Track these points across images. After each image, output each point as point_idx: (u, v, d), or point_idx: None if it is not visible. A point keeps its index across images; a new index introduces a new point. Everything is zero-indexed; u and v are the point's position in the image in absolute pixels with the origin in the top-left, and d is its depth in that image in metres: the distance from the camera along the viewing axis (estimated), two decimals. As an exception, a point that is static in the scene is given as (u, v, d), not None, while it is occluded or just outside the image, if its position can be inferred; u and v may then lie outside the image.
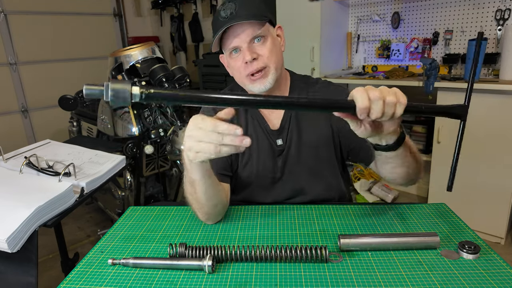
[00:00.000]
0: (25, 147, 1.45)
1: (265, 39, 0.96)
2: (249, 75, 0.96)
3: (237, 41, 0.94)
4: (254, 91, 0.98)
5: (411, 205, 0.97)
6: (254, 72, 0.95)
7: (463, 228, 0.84)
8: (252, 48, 0.94)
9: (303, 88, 1.07)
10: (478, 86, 1.99)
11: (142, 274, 0.73)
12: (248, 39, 0.94)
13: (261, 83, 0.96)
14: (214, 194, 0.86)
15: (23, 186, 1.13)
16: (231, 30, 0.93)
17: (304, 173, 1.04)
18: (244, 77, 0.97)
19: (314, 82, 1.09)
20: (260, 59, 0.95)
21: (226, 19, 0.92)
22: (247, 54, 0.93)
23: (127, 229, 0.92)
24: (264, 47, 0.95)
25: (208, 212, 0.89)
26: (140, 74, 1.98)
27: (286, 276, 0.70)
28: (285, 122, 1.04)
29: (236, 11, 0.92)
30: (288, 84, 1.08)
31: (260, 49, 0.95)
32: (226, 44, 0.96)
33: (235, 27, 0.93)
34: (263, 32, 0.95)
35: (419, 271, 0.69)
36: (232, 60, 0.98)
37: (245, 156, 1.05)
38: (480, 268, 0.69)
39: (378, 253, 0.76)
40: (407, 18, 2.64)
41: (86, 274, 0.75)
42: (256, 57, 0.94)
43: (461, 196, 2.17)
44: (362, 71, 2.90)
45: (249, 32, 0.93)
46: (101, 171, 1.28)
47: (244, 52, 0.94)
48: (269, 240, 0.84)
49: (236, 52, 0.96)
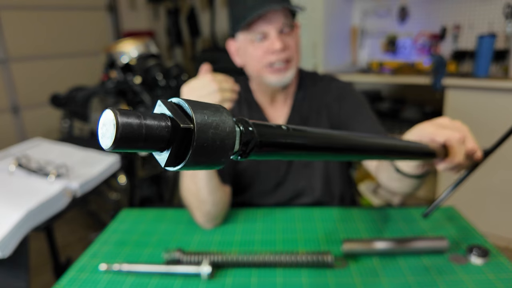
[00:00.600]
0: (16, 147, 1.41)
1: (293, 31, 0.91)
2: (268, 66, 0.90)
3: (268, 27, 0.87)
4: (271, 83, 0.92)
5: (418, 208, 0.94)
6: (277, 63, 0.90)
7: (471, 232, 0.82)
8: (282, 37, 0.88)
9: (309, 87, 1.03)
10: (487, 83, 1.95)
11: (136, 280, 0.70)
12: (279, 26, 0.88)
13: (282, 75, 0.91)
14: (216, 187, 0.83)
15: (14, 188, 1.10)
16: (261, 13, 0.87)
17: (306, 175, 1.01)
18: (263, 66, 0.91)
19: (319, 80, 1.05)
20: (287, 50, 0.89)
21: (260, 1, 0.86)
22: (277, 42, 0.86)
23: (120, 233, 0.89)
24: (291, 38, 0.90)
25: (208, 211, 0.84)
26: (135, 71, 1.94)
27: (287, 283, 0.67)
28: (290, 123, 1.01)
29: None
30: (297, 82, 1.04)
31: (289, 40, 0.90)
32: (252, 28, 0.88)
33: (267, 11, 0.86)
34: (293, 23, 0.90)
35: (425, 277, 0.67)
36: (252, 47, 0.91)
37: None
38: (489, 273, 0.67)
39: (383, 258, 0.73)
40: (414, 12, 2.57)
41: (77, 279, 0.71)
42: (285, 47, 0.88)
43: (470, 199, 2.12)
44: (367, 67, 2.80)
45: (281, 19, 0.87)
46: (95, 172, 1.24)
47: (273, 39, 0.87)
48: (270, 245, 0.80)
49: (259, 39, 0.89)
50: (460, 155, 0.53)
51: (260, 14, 0.85)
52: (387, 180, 0.83)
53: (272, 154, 0.29)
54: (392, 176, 0.77)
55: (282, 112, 1.02)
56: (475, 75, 2.05)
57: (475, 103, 2.04)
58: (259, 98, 1.03)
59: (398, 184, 0.79)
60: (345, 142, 0.36)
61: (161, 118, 0.23)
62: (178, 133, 0.23)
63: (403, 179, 0.75)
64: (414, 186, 0.76)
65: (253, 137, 0.27)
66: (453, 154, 0.54)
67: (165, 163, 0.24)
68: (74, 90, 2.46)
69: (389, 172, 0.78)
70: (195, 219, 0.88)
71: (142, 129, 0.22)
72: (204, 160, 0.24)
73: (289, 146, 0.30)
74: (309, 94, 1.02)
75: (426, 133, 0.56)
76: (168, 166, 0.25)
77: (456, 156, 0.54)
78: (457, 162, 0.54)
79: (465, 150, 0.54)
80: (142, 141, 0.22)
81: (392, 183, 0.81)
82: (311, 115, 1.01)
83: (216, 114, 0.25)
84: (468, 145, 0.54)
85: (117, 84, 1.87)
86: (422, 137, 0.57)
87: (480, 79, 2.00)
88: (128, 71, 1.96)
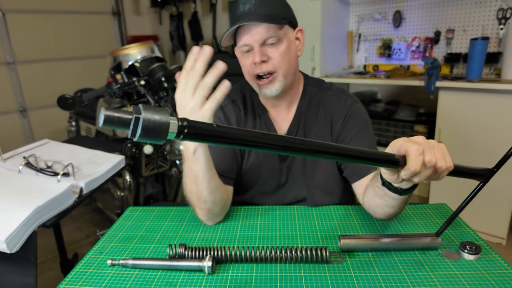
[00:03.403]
0: (24, 147, 1.44)
1: (279, 42, 0.91)
2: (256, 77, 0.94)
3: (250, 40, 0.90)
4: (261, 93, 0.97)
5: (412, 205, 0.96)
6: (262, 75, 0.93)
7: (464, 229, 0.84)
8: (264, 50, 0.91)
9: (315, 94, 1.04)
10: (480, 85, 1.98)
11: (141, 275, 0.73)
12: (261, 40, 0.90)
13: (267, 88, 0.94)
14: (216, 188, 0.85)
15: (22, 186, 1.13)
16: (246, 26, 0.90)
17: (308, 181, 1.03)
18: (252, 77, 0.95)
19: (327, 88, 1.05)
20: (270, 62, 0.91)
21: (243, 14, 0.89)
22: (257, 55, 0.90)
23: (126, 230, 0.92)
24: (276, 50, 0.91)
25: (209, 210, 0.87)
26: (139, 74, 1.98)
27: (286, 277, 0.70)
28: (293, 128, 1.02)
29: (254, 7, 0.88)
30: (301, 88, 1.04)
31: (271, 52, 0.91)
32: (238, 40, 0.93)
33: (250, 25, 0.89)
34: (278, 35, 0.90)
35: (420, 272, 0.69)
36: (242, 57, 0.95)
37: (251, 159, 1.03)
38: (481, 268, 0.69)
39: (379, 253, 0.76)
40: (409, 16, 2.63)
41: (85, 275, 0.74)
42: (266, 59, 0.91)
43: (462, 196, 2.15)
44: (363, 70, 2.90)
45: (263, 33, 0.89)
46: (100, 171, 1.27)
47: (254, 52, 0.91)
48: (269, 240, 0.83)
49: (247, 51, 0.93)
50: (416, 164, 0.59)
51: (241, 26, 0.90)
52: (371, 199, 0.83)
53: (201, 140, 0.48)
54: (376, 192, 0.78)
55: (286, 116, 1.04)
56: (468, 77, 2.08)
57: (468, 105, 2.07)
58: (263, 100, 1.05)
59: (379, 201, 0.78)
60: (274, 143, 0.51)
61: (128, 113, 0.42)
62: (135, 120, 0.42)
63: (382, 195, 0.75)
64: (396, 205, 0.76)
65: (184, 128, 0.44)
66: (409, 163, 0.59)
67: (130, 134, 0.43)
68: (81, 92, 2.50)
69: (374, 188, 0.79)
70: (197, 216, 0.91)
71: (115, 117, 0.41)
72: (150, 136, 0.43)
73: (213, 136, 0.48)
74: (315, 101, 1.03)
75: (396, 146, 0.62)
76: (132, 136, 0.43)
77: (412, 165, 0.59)
78: (413, 170, 0.59)
79: (421, 161, 0.59)
80: (116, 122, 0.42)
81: (374, 200, 0.81)
82: (315, 122, 1.02)
83: (160, 113, 0.43)
84: (426, 157, 0.59)
85: (122, 86, 1.90)
86: (393, 148, 0.63)
87: (472, 82, 2.03)
88: (133, 74, 1.99)
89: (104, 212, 2.52)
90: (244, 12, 0.89)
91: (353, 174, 0.96)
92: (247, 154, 1.03)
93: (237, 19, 0.90)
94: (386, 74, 2.55)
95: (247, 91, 1.07)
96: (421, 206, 0.96)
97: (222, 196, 0.89)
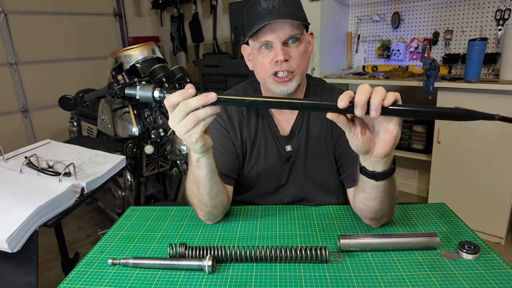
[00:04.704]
0: (25, 147, 1.45)
1: (299, 42, 0.92)
2: (273, 75, 0.93)
3: (273, 37, 0.89)
4: (275, 92, 0.95)
5: (411, 205, 0.97)
6: (281, 72, 0.92)
7: (463, 228, 0.84)
8: (285, 49, 0.90)
9: (317, 93, 1.05)
10: (478, 86, 2.00)
11: (142, 274, 0.73)
12: (285, 38, 0.89)
13: (285, 85, 0.93)
14: (217, 193, 0.86)
15: (23, 186, 1.13)
16: (269, 23, 0.88)
17: (308, 181, 1.03)
18: (269, 75, 0.94)
19: (330, 89, 1.06)
20: (291, 61, 0.91)
21: (267, 11, 0.88)
22: (280, 53, 0.89)
23: (127, 229, 0.92)
24: (297, 50, 0.91)
25: (209, 212, 0.89)
26: (140, 74, 1.99)
27: (286, 277, 0.70)
28: (296, 129, 1.02)
29: (278, 5, 0.88)
30: (304, 87, 1.05)
31: (293, 51, 0.91)
32: (259, 36, 0.91)
33: (274, 22, 0.87)
34: (299, 34, 0.91)
35: (419, 271, 0.69)
36: (260, 55, 0.93)
37: (253, 159, 1.04)
38: (480, 268, 0.69)
39: (378, 253, 0.76)
40: (407, 18, 2.65)
41: (86, 274, 0.75)
42: (288, 58, 0.90)
43: (461, 196, 2.18)
44: (362, 71, 2.91)
45: (288, 31, 0.88)
46: (101, 171, 1.28)
47: (276, 50, 0.89)
48: (269, 240, 0.84)
49: (266, 48, 0.92)
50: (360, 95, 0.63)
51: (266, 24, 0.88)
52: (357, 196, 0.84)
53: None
54: (360, 187, 0.80)
55: (289, 117, 1.04)
56: (466, 78, 2.09)
57: (466, 105, 2.06)
58: None
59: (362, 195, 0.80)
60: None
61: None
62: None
63: (363, 186, 0.77)
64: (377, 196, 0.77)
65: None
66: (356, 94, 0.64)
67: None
68: (82, 92, 2.51)
69: (359, 184, 0.81)
70: (197, 216, 0.93)
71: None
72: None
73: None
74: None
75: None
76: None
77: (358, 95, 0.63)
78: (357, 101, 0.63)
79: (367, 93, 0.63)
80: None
81: (358, 196, 0.82)
82: (316, 122, 1.02)
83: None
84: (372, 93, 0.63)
85: (123, 86, 1.91)
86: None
87: (471, 82, 2.04)
88: (134, 74, 2.00)
89: (105, 212, 2.53)
90: (268, 9, 0.88)
91: (349, 179, 0.97)
92: (249, 155, 1.04)
93: (262, 16, 0.88)
94: (385, 74, 2.56)
95: (250, 91, 1.08)
96: (420, 205, 0.96)
97: (223, 201, 0.90)
